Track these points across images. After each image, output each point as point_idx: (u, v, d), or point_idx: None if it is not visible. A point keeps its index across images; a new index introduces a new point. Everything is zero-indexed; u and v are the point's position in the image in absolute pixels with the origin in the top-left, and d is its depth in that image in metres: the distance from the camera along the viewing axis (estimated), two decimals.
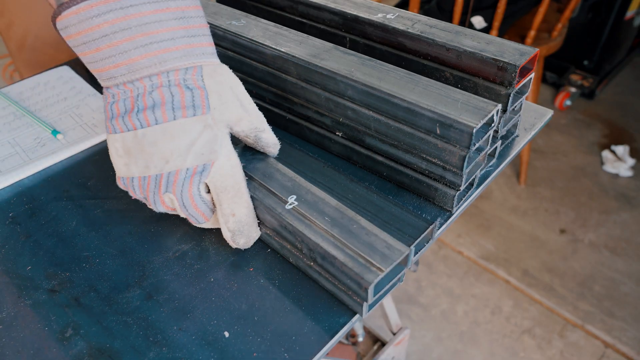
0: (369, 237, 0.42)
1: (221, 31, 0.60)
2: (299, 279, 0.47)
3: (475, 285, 1.58)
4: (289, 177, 0.48)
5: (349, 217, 0.44)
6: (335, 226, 0.43)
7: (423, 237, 0.45)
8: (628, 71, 2.44)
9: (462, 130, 0.45)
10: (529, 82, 0.53)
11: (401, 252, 0.41)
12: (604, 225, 1.74)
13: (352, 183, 0.50)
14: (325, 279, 0.45)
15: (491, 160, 0.56)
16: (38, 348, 0.42)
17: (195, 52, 0.43)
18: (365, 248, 0.41)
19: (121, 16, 0.40)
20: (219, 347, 0.42)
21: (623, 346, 1.41)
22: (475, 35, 0.54)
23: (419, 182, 0.52)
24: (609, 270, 1.60)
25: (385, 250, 0.41)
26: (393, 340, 1.01)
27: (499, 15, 1.55)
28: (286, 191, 0.47)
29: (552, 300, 1.53)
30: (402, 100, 0.47)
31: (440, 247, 1.70)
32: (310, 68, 0.53)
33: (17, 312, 0.45)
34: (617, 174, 1.92)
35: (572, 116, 2.20)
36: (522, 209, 1.81)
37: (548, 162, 1.98)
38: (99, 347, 0.42)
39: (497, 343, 1.44)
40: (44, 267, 0.49)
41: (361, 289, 0.40)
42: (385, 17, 0.59)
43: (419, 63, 0.57)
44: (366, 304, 0.42)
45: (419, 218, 0.46)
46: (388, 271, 0.40)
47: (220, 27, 0.60)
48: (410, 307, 1.53)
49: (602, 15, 2.15)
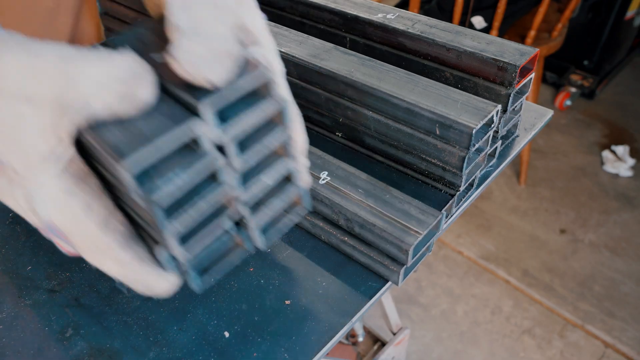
0: (403, 205, 0.45)
1: None
2: (299, 279, 0.47)
3: (475, 285, 1.58)
4: (317, 155, 0.50)
5: (381, 188, 0.47)
6: (370, 197, 0.46)
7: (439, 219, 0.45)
8: (628, 71, 2.44)
9: (462, 130, 0.45)
10: (529, 82, 0.53)
11: (435, 216, 0.44)
12: (604, 225, 1.74)
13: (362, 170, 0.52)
14: (359, 251, 0.47)
15: (491, 161, 0.56)
16: (38, 348, 0.42)
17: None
18: (401, 214, 0.44)
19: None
20: (219, 347, 0.42)
21: (623, 346, 1.41)
22: (476, 35, 0.54)
23: (418, 182, 0.52)
24: (609, 270, 1.60)
25: (420, 216, 0.44)
26: (393, 340, 1.01)
27: (499, 15, 1.55)
28: (317, 168, 0.49)
29: (552, 300, 1.53)
30: (401, 101, 0.47)
31: (440, 247, 1.70)
32: (310, 68, 0.53)
33: (17, 312, 0.45)
34: (617, 174, 1.92)
35: (572, 116, 2.20)
36: (522, 209, 1.81)
37: (548, 162, 1.98)
38: (99, 347, 0.42)
39: (497, 343, 1.44)
40: (44, 267, 0.49)
41: (401, 251, 0.43)
42: (386, 17, 0.59)
43: (419, 63, 0.57)
44: (403, 269, 0.44)
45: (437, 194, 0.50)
46: (425, 234, 0.43)
47: None
48: (410, 307, 1.53)
49: (602, 15, 2.15)
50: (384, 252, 0.45)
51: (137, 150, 0.27)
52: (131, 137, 0.28)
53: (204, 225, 0.32)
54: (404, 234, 0.42)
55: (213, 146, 0.30)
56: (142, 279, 0.33)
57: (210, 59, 0.30)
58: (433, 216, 0.44)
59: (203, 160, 0.30)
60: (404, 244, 0.42)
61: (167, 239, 0.30)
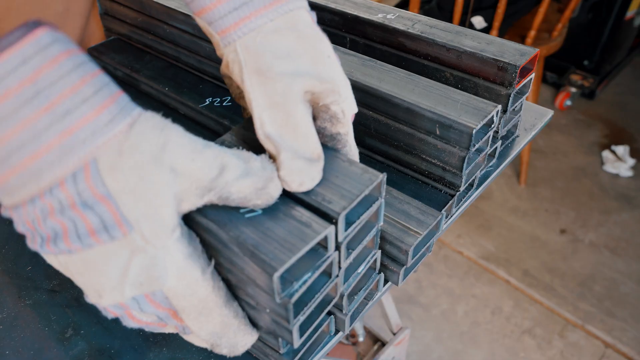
0: (403, 205, 0.45)
1: None
2: None
3: (476, 286, 1.58)
4: None
5: None
6: None
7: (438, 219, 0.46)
8: (628, 71, 2.44)
9: (462, 131, 0.45)
10: (529, 82, 0.53)
11: (435, 217, 0.44)
12: (604, 226, 1.74)
13: None
14: None
15: (491, 161, 0.56)
16: (38, 348, 0.42)
17: (76, 141, 0.28)
18: (401, 215, 0.44)
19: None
20: None
21: (623, 346, 1.41)
22: (476, 36, 0.54)
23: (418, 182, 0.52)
24: (609, 271, 1.60)
25: (419, 216, 0.44)
26: (393, 341, 1.01)
27: (499, 16, 1.55)
28: None
29: (552, 300, 1.53)
30: (402, 101, 0.47)
31: (440, 247, 1.70)
32: None
33: (17, 312, 0.45)
34: (617, 174, 1.92)
35: (572, 116, 2.20)
36: (522, 209, 1.81)
37: (548, 162, 1.98)
38: (99, 347, 0.42)
39: (498, 343, 1.44)
40: (44, 267, 0.49)
41: (401, 252, 0.43)
42: (386, 17, 0.59)
43: (419, 63, 0.57)
44: (403, 270, 0.44)
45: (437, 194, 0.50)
46: (425, 234, 0.43)
47: None
48: (410, 307, 1.53)
49: (602, 15, 2.15)
50: (384, 252, 0.45)
51: (286, 262, 0.30)
52: (270, 241, 0.31)
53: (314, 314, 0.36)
54: (404, 234, 0.42)
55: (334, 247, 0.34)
56: (234, 336, 0.36)
57: (307, 168, 0.34)
58: (433, 216, 0.44)
59: (328, 260, 0.33)
60: (404, 245, 0.42)
61: (292, 331, 0.33)
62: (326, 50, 0.36)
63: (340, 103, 0.37)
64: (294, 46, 0.35)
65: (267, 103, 0.34)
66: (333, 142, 0.38)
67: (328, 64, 0.36)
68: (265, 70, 0.34)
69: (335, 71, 0.36)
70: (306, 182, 0.34)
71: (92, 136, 0.28)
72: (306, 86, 0.35)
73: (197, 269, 0.32)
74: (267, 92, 0.34)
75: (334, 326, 0.41)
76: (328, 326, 0.40)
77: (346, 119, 0.38)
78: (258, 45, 0.35)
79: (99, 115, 0.28)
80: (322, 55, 0.36)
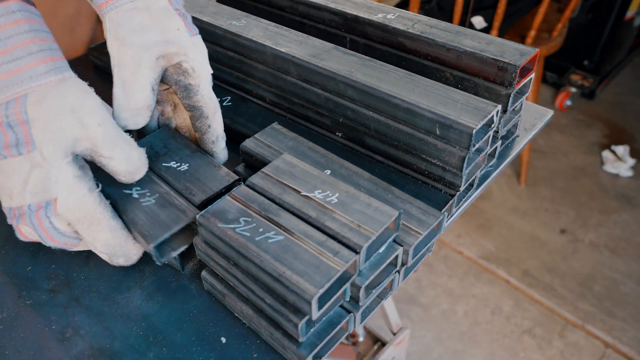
0: (404, 205, 0.45)
1: (221, 31, 0.60)
2: None
3: (476, 285, 1.58)
4: (321, 154, 0.50)
5: (383, 188, 0.46)
6: (372, 196, 0.45)
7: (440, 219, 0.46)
8: (628, 71, 2.44)
9: (462, 131, 0.45)
10: (529, 82, 0.53)
11: (436, 217, 0.44)
12: (604, 225, 1.74)
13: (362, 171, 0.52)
14: None
15: (491, 161, 0.56)
16: (38, 348, 0.42)
17: (18, 79, 0.38)
18: (402, 214, 0.44)
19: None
20: (219, 347, 0.42)
21: (623, 346, 1.41)
22: (476, 36, 0.54)
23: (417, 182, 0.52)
24: (609, 270, 1.60)
25: (421, 216, 0.44)
26: (393, 341, 1.02)
27: (499, 16, 1.55)
28: (320, 166, 0.48)
29: (552, 300, 1.53)
30: (402, 101, 0.47)
31: (440, 247, 1.70)
32: (310, 68, 0.53)
33: (17, 312, 0.45)
34: (617, 174, 1.92)
35: (572, 116, 2.20)
36: (522, 209, 1.81)
37: (548, 162, 1.98)
38: (99, 347, 0.42)
39: (497, 343, 1.44)
40: (44, 267, 0.49)
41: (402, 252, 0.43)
42: (386, 17, 0.59)
43: (419, 63, 0.57)
44: (403, 269, 0.44)
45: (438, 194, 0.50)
46: (426, 234, 0.43)
47: (221, 27, 0.60)
48: (410, 307, 1.53)
49: (602, 15, 2.15)
50: None
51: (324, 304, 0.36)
52: (310, 276, 0.35)
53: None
54: (405, 234, 0.42)
55: None
56: (125, 244, 0.44)
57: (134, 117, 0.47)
58: (434, 217, 0.44)
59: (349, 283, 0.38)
60: (405, 245, 0.42)
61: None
62: (175, 25, 0.47)
63: (189, 62, 0.47)
64: (147, 22, 0.45)
65: (119, 62, 0.45)
66: (187, 92, 0.48)
67: (176, 34, 0.46)
68: (122, 39, 0.45)
69: (182, 38, 0.46)
70: (129, 126, 0.47)
71: (29, 79, 0.39)
72: (156, 52, 0.45)
73: (84, 187, 0.42)
74: (120, 55, 0.45)
75: (352, 324, 0.42)
76: (347, 324, 0.41)
77: (196, 74, 0.47)
78: (120, 19, 0.45)
79: (37, 66, 0.39)
80: (171, 28, 0.46)
